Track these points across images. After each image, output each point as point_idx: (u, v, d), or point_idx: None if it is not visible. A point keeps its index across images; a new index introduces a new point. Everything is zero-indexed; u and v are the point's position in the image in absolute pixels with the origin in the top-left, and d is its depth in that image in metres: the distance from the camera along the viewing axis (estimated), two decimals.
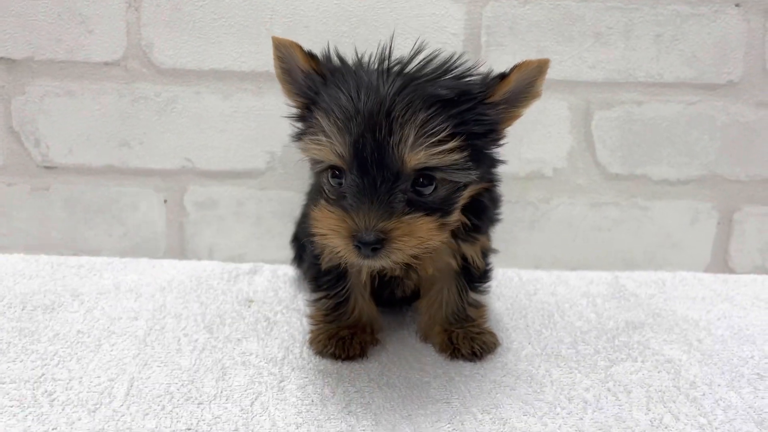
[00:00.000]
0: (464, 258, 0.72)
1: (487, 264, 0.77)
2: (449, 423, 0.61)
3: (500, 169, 0.94)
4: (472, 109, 0.60)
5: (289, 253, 0.93)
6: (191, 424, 0.59)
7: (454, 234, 0.69)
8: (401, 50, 0.64)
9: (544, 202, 1.00)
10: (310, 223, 0.73)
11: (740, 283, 0.99)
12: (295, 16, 0.92)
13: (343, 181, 0.61)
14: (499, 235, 0.98)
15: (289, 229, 0.94)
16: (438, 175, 0.60)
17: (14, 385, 0.64)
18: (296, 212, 0.93)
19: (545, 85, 0.90)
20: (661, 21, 0.94)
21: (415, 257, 0.61)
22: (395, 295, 0.78)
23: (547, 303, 0.89)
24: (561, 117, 0.97)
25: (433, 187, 0.61)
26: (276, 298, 0.87)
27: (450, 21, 0.93)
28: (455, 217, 0.64)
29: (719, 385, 0.69)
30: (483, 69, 0.65)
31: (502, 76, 0.63)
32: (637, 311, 0.87)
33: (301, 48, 0.65)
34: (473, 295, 0.77)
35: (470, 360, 0.72)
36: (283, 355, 0.72)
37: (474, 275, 0.75)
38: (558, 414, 0.63)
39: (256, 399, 0.64)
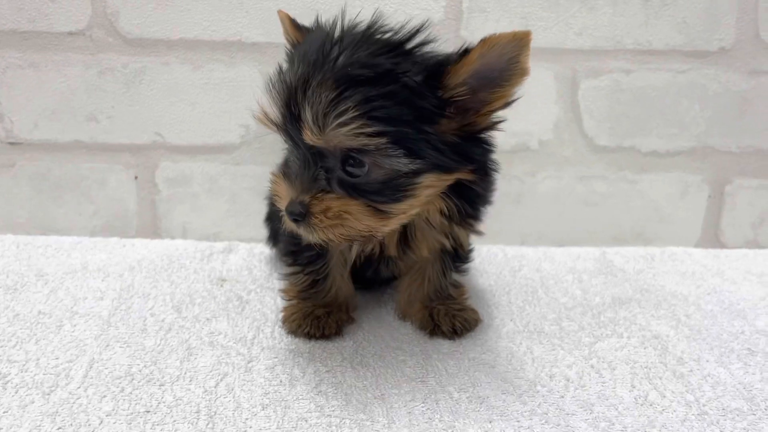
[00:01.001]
0: (456, 239, 0.69)
1: (469, 244, 0.74)
2: (423, 402, 0.58)
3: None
4: (398, 91, 0.54)
5: (265, 231, 0.90)
6: (150, 406, 0.56)
7: (450, 218, 0.65)
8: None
9: (529, 175, 0.97)
10: None
11: (731, 258, 0.96)
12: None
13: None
14: None
15: (265, 206, 0.91)
16: (366, 158, 0.56)
17: None
18: None
19: (532, 52, 0.88)
20: None
21: (347, 238, 0.58)
22: (379, 275, 0.75)
23: (531, 279, 0.86)
24: (546, 86, 0.93)
25: (365, 169, 0.56)
26: (250, 277, 0.84)
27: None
28: (414, 204, 0.59)
29: (708, 361, 0.66)
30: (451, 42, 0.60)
31: (465, 52, 0.55)
32: (625, 287, 0.84)
33: (291, 19, 0.64)
34: (454, 275, 0.74)
35: (450, 337, 0.70)
36: (254, 335, 0.69)
37: (460, 255, 0.73)
38: (538, 392, 0.60)
39: (221, 380, 0.60)
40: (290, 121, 0.57)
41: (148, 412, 0.55)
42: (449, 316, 0.70)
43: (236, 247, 0.93)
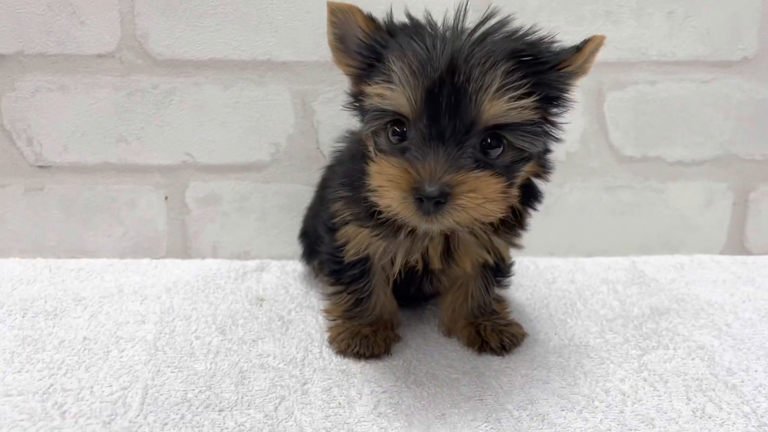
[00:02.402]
0: (497, 254, 0.70)
1: (510, 257, 0.74)
2: (486, 422, 0.58)
3: None
4: (546, 72, 0.58)
5: (296, 248, 0.90)
6: None
7: (495, 228, 0.66)
8: None
9: (557, 186, 0.97)
10: (330, 211, 0.70)
11: (759, 265, 0.97)
12: (296, 1, 0.88)
13: (408, 133, 0.57)
14: None
15: (296, 224, 0.91)
16: (508, 137, 0.57)
17: (22, 398, 0.60)
18: (303, 206, 0.89)
19: None
20: None
21: (473, 222, 0.57)
22: (423, 292, 0.75)
23: (567, 291, 0.87)
24: (573, 99, 0.94)
25: (500, 150, 0.57)
26: (288, 296, 0.84)
27: (453, 1, 0.89)
28: (515, 192, 0.61)
29: (756, 371, 0.67)
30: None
31: (577, 48, 0.61)
32: (660, 297, 0.85)
33: (360, 10, 0.62)
34: (496, 290, 0.74)
35: (499, 354, 0.70)
36: (303, 356, 0.69)
37: (501, 270, 0.73)
38: (597, 408, 0.60)
39: (279, 403, 0.60)
40: (448, 94, 0.55)
41: None
42: (496, 332, 0.71)
43: (268, 266, 0.93)
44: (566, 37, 0.92)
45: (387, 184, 0.56)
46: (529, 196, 0.67)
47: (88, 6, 0.87)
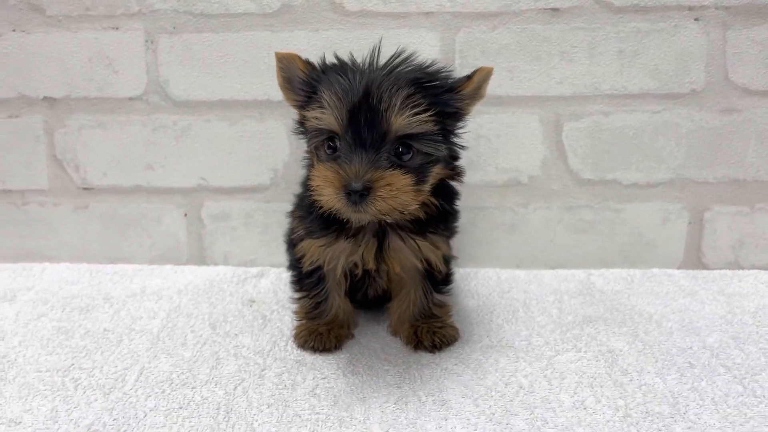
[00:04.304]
0: (428, 262, 0.83)
1: (449, 269, 0.87)
2: (395, 404, 0.72)
3: (480, 179, 1.06)
4: (441, 93, 0.74)
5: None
6: (183, 404, 0.73)
7: (424, 225, 0.80)
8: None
9: (521, 206, 1.09)
10: (291, 230, 0.86)
11: (709, 279, 1.04)
12: (289, 50, 1.04)
13: (338, 145, 0.74)
14: (480, 238, 1.09)
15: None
16: (415, 144, 0.73)
17: (48, 374, 0.79)
18: None
19: (518, 100, 1.04)
20: (623, 38, 1.02)
21: (392, 211, 0.71)
22: (368, 296, 0.89)
23: (516, 300, 0.98)
24: (533, 129, 1.06)
25: (410, 155, 0.73)
26: (275, 299, 1.00)
27: (426, 47, 1.03)
28: (427, 189, 0.77)
29: (649, 372, 0.77)
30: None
31: (469, 77, 0.76)
32: (598, 307, 0.95)
33: (299, 57, 0.79)
34: (437, 296, 0.87)
35: (431, 351, 0.83)
36: (270, 348, 0.85)
37: (437, 279, 0.86)
38: (492, 396, 0.73)
39: (239, 384, 0.76)
40: (365, 113, 0.70)
41: (180, 408, 0.72)
42: (430, 333, 0.84)
43: (267, 272, 1.10)
44: (524, 75, 1.06)
45: (324, 184, 0.73)
46: (448, 194, 0.83)
47: (121, 59, 1.06)
